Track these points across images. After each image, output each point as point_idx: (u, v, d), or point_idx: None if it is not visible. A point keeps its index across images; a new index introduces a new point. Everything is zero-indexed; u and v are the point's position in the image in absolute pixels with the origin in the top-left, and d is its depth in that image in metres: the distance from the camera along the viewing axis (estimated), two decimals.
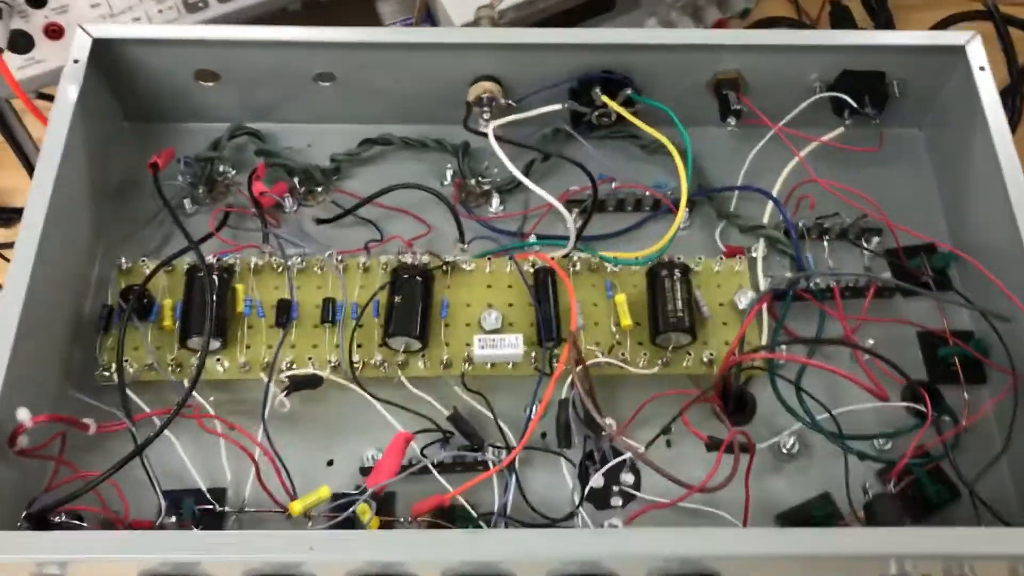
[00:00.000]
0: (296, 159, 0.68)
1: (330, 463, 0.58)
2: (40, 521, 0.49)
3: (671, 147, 0.62)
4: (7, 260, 0.66)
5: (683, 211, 0.60)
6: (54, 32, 0.69)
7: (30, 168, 0.77)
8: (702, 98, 0.68)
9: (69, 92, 0.61)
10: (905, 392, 0.59)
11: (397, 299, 0.58)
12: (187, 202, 0.66)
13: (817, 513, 0.55)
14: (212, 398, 0.58)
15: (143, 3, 0.70)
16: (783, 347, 0.60)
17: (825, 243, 0.65)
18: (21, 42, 0.68)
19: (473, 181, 0.67)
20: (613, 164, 0.68)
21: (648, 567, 0.47)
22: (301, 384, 0.56)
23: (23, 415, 0.50)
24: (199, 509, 0.54)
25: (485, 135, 0.63)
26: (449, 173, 0.68)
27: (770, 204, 0.65)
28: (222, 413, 0.57)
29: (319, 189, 0.67)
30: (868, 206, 0.65)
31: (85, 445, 0.55)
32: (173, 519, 0.50)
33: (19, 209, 0.61)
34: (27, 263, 0.54)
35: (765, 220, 0.64)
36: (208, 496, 0.55)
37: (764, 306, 0.60)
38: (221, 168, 0.67)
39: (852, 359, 0.61)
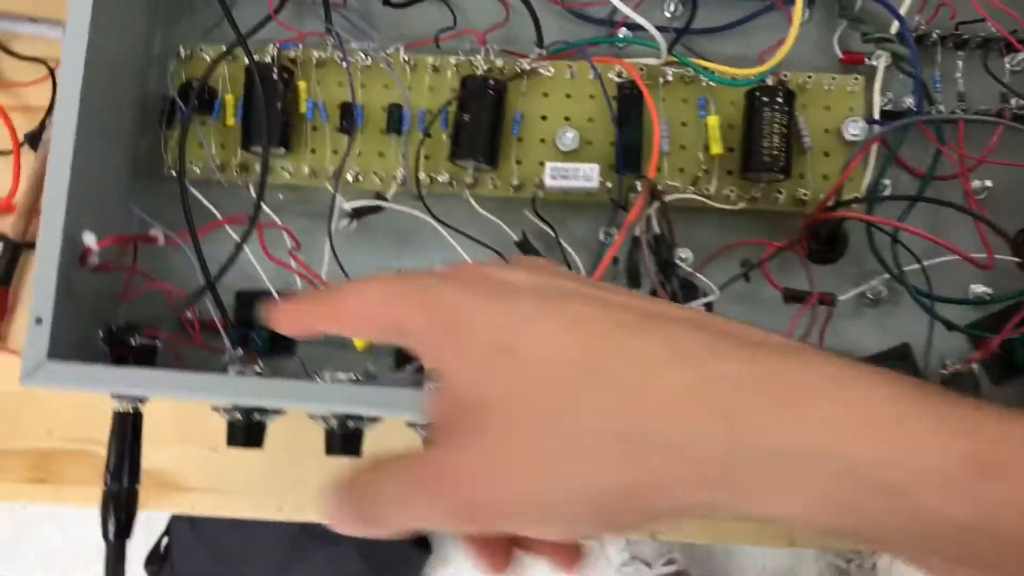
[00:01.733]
0: None
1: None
2: (116, 341, 0.51)
3: None
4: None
5: (799, 17, 0.51)
6: None
7: None
8: None
9: None
10: (1016, 241, 0.54)
11: (465, 117, 0.53)
12: None
13: None
14: (281, 196, 0.57)
15: None
16: (886, 184, 0.55)
17: (959, 60, 0.56)
18: None
19: None
20: None
21: None
22: (365, 212, 0.54)
23: (89, 240, 0.50)
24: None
25: None
26: None
27: (904, 10, 0.55)
28: (291, 214, 0.57)
29: None
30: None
31: (158, 250, 0.56)
32: (240, 351, 0.52)
33: None
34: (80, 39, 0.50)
35: (893, 29, 0.55)
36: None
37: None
38: None
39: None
